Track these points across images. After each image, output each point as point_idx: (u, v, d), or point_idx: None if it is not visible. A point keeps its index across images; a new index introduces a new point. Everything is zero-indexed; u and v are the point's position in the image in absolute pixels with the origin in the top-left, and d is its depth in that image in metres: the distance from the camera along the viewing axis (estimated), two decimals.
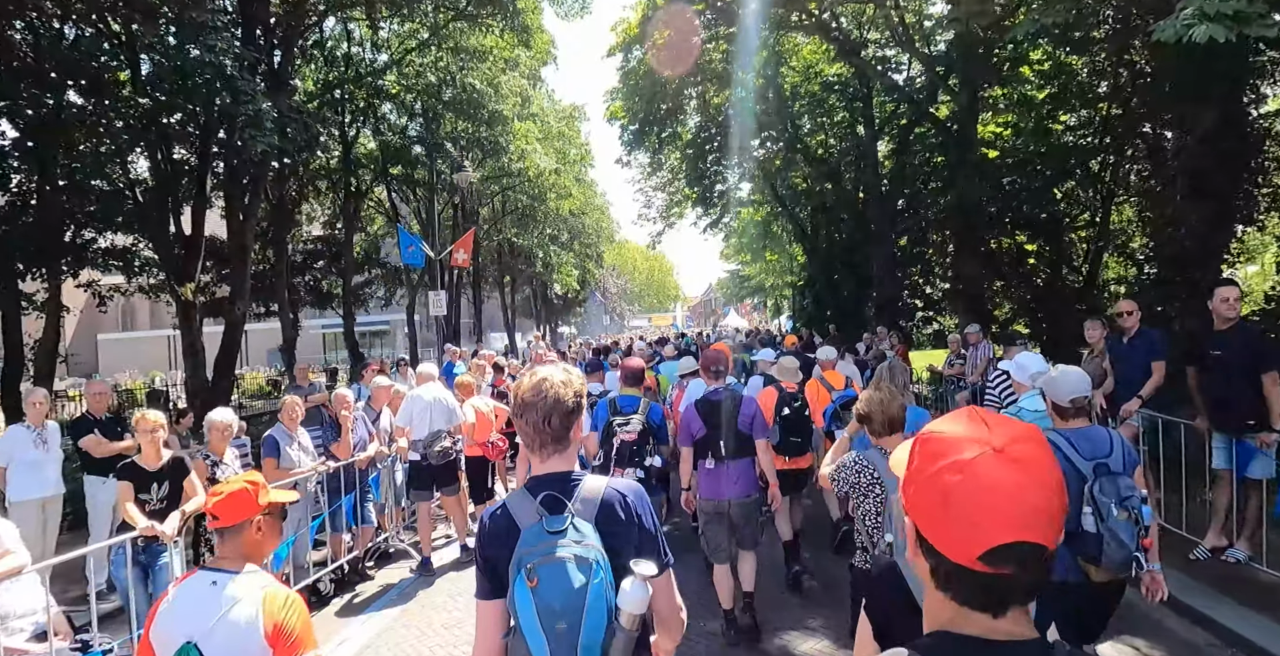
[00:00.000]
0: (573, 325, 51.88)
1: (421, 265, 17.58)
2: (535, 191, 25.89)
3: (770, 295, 44.66)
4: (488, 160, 22.49)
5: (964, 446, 0.87)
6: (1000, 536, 0.82)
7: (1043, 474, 0.86)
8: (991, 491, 0.84)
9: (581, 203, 31.46)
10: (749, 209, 29.78)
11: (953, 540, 0.86)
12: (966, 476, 0.85)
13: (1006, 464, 0.85)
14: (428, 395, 6.14)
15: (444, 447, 6.00)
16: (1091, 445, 2.90)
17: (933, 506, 0.88)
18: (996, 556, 0.83)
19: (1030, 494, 0.84)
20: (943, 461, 0.88)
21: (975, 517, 0.84)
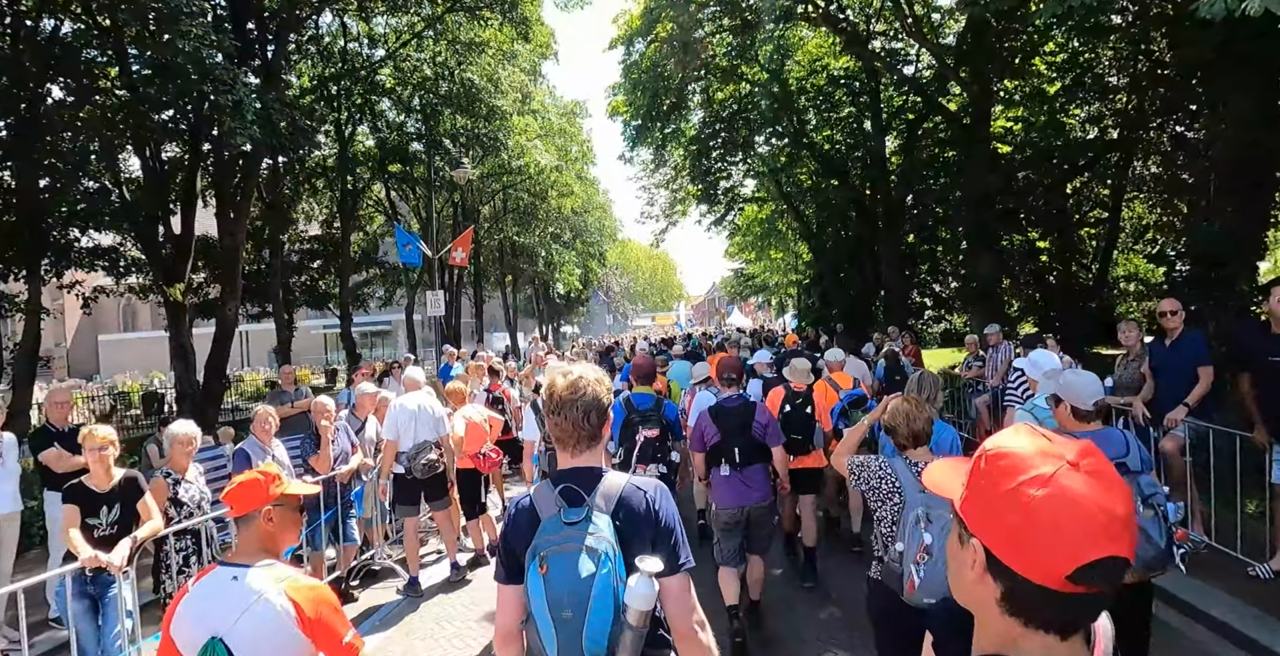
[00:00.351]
0: (575, 325, 51.44)
1: (419, 264, 17.16)
2: (536, 189, 25.49)
3: (775, 294, 44.18)
4: (487, 158, 22.08)
5: (1041, 461, 0.84)
6: (1092, 552, 0.79)
7: (1118, 485, 0.84)
8: (1081, 505, 0.80)
9: (583, 201, 31.03)
10: (754, 206, 29.35)
11: (1038, 560, 0.81)
12: (1053, 491, 0.81)
13: (1087, 476, 0.82)
14: (412, 404, 5.70)
15: (430, 461, 5.57)
16: (1108, 446, 2.81)
17: (1012, 525, 0.83)
18: (1089, 572, 0.79)
19: (1114, 505, 0.81)
20: (1022, 477, 0.83)
21: (1066, 533, 0.80)
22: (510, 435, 8.10)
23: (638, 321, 66.53)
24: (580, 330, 53.30)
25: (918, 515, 2.62)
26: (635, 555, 1.71)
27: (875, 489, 2.92)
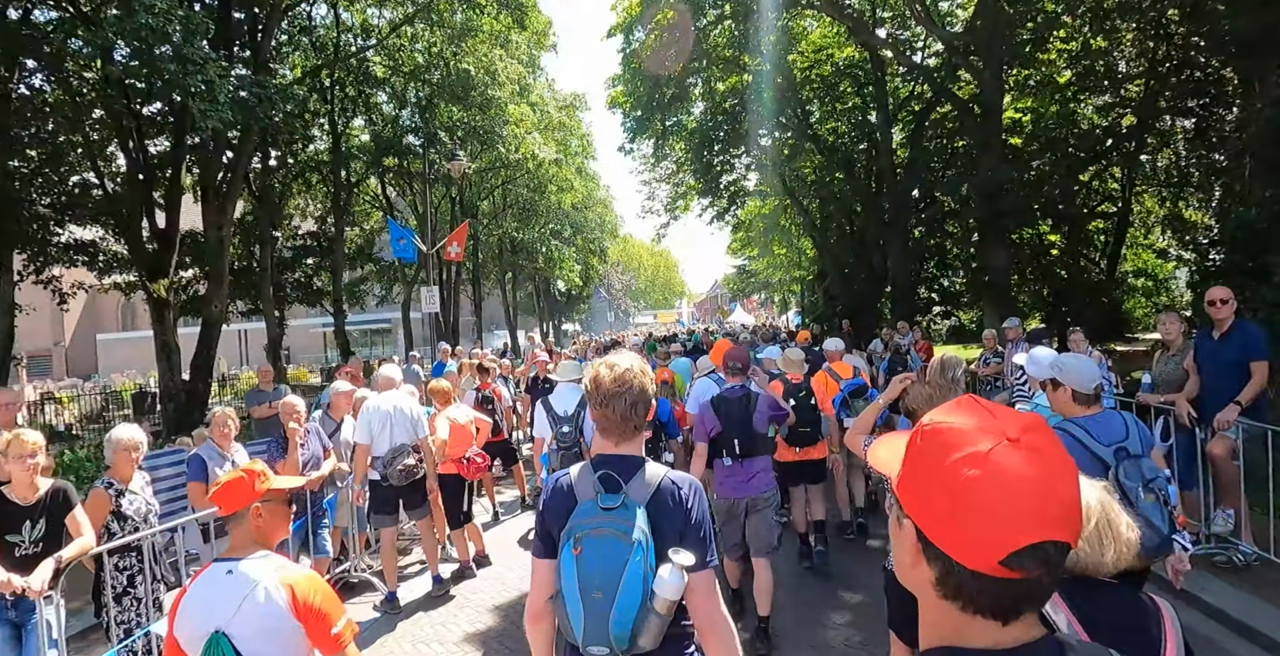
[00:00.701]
0: (577, 322, 50.97)
1: (413, 259, 16.72)
2: (535, 184, 25.00)
3: (778, 290, 43.73)
4: (485, 152, 21.59)
5: (978, 437, 0.76)
6: (1027, 535, 0.72)
7: (1061, 464, 0.76)
8: (1016, 485, 0.73)
9: (583, 196, 30.53)
10: (757, 199, 28.88)
11: (971, 543, 0.75)
12: (986, 470, 0.74)
13: (1027, 454, 0.75)
14: (386, 404, 5.23)
15: (407, 466, 5.11)
16: (1108, 430, 2.80)
17: (945, 506, 0.76)
18: (1022, 558, 0.73)
19: (1054, 486, 0.74)
20: (956, 454, 0.76)
21: (999, 516, 0.73)
22: (501, 436, 7.65)
23: (640, 319, 66.02)
24: (582, 328, 52.83)
25: None
26: (665, 546, 1.76)
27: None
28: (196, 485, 4.48)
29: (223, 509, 2.18)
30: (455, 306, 26.09)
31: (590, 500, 1.83)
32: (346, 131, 19.37)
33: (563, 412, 5.28)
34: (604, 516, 1.78)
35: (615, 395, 1.89)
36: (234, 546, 2.19)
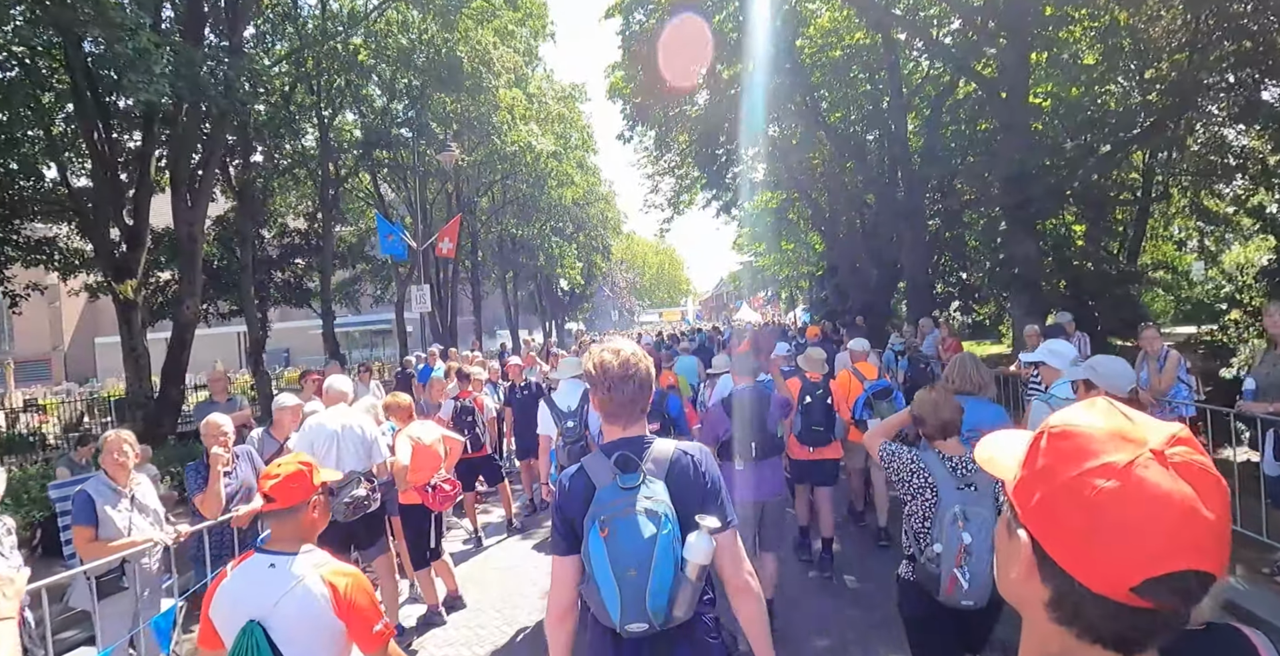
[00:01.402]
0: (580, 321, 50.09)
1: (403, 256, 15.86)
2: (533, 178, 24.11)
3: (785, 287, 42.71)
4: (481, 145, 20.73)
5: (1115, 446, 0.69)
6: (1168, 563, 0.65)
7: (1213, 484, 0.67)
8: (1160, 505, 0.65)
9: (585, 191, 29.61)
10: (766, 192, 27.92)
11: (1101, 564, 0.67)
12: (1127, 486, 0.67)
13: (1174, 470, 0.67)
14: (333, 423, 4.34)
15: (355, 498, 4.22)
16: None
17: (1072, 521, 0.69)
18: (1159, 587, 0.65)
19: (1204, 508, 0.65)
20: (1090, 463, 0.69)
21: (1137, 538, 0.65)
22: (483, 451, 6.77)
23: (644, 317, 65.13)
24: (585, 327, 51.97)
25: (954, 514, 2.54)
26: (688, 514, 1.83)
27: (905, 481, 2.79)
28: (83, 530, 3.58)
29: (280, 501, 2.15)
30: (453, 306, 25.27)
31: (609, 483, 1.86)
32: (335, 123, 18.52)
33: (566, 408, 5.11)
34: (626, 495, 1.82)
35: (623, 380, 1.94)
36: (276, 539, 2.17)
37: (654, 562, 1.74)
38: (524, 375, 7.89)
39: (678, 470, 1.91)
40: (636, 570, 1.74)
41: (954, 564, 2.49)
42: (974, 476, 2.65)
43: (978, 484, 2.63)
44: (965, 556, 2.47)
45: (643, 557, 1.74)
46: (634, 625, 1.77)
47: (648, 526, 1.76)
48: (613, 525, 1.77)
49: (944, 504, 2.61)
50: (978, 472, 2.65)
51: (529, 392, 7.50)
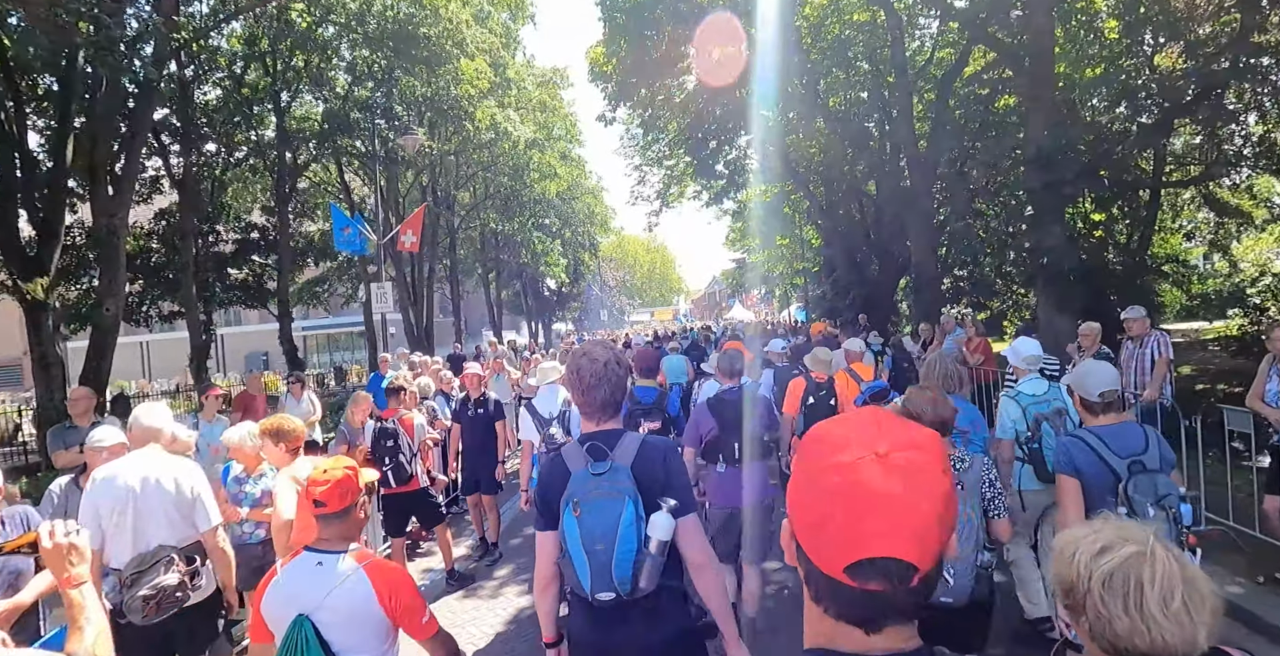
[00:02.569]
0: (569, 321, 48.63)
1: (363, 251, 14.40)
2: (513, 168, 22.71)
3: (779, 284, 41.37)
4: (455, 133, 19.28)
5: (849, 448, 0.80)
6: (869, 549, 0.75)
7: (926, 485, 0.78)
8: (869, 499, 0.76)
9: (569, 184, 28.18)
10: (760, 185, 26.59)
11: (824, 548, 0.79)
12: (845, 481, 0.78)
13: (888, 471, 0.77)
14: (130, 476, 2.91)
15: (161, 589, 2.79)
16: (1125, 442, 2.73)
17: (808, 509, 0.82)
18: (862, 570, 0.76)
19: (906, 506, 0.76)
20: (827, 461, 0.81)
21: (847, 526, 0.77)
22: (412, 485, 5.35)
23: (635, 316, 63.73)
24: (575, 327, 50.52)
25: None
26: (650, 499, 2.03)
27: None
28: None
29: (330, 506, 2.21)
30: (429, 306, 23.81)
31: (582, 469, 2.09)
32: (293, 108, 17.07)
33: (548, 414, 4.95)
34: (596, 481, 2.05)
35: (597, 385, 2.20)
36: (323, 539, 2.25)
37: (618, 538, 1.97)
38: (485, 387, 6.43)
39: (643, 460, 2.12)
40: (603, 545, 1.98)
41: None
42: (961, 476, 2.68)
43: (965, 483, 2.68)
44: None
45: (609, 534, 1.98)
46: (603, 594, 2.00)
47: (614, 508, 2.00)
48: (584, 506, 2.02)
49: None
50: (965, 472, 2.73)
51: (484, 412, 6.07)
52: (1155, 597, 1.13)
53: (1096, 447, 2.73)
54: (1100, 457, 2.71)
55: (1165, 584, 1.13)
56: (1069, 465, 2.76)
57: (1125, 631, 1.14)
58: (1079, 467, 2.73)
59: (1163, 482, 2.64)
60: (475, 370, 6.22)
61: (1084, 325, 6.32)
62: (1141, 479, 2.62)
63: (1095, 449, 2.73)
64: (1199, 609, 1.15)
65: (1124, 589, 1.14)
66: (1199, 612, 1.14)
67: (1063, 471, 2.79)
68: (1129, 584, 1.14)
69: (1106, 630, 1.16)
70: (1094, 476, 2.71)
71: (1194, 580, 1.16)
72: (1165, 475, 2.69)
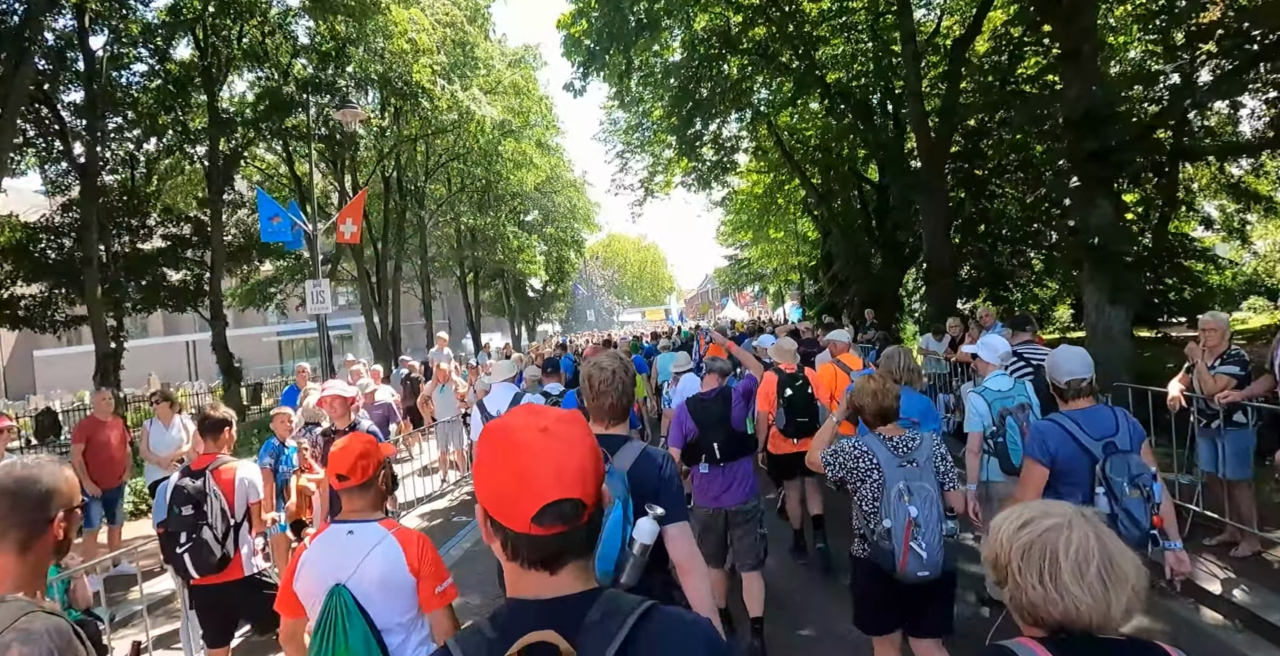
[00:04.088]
0: (555, 322, 46.76)
1: (297, 245, 12.53)
2: (483, 156, 20.86)
3: (773, 281, 39.57)
4: (412, 113, 17.42)
5: (518, 428, 1.00)
6: (544, 496, 0.94)
7: (576, 442, 1.00)
8: (534, 459, 0.96)
9: (547, 174, 26.32)
10: (752, 174, 24.83)
11: (509, 509, 0.97)
12: (516, 450, 0.97)
13: (546, 437, 0.98)
14: None
15: None
16: (1097, 424, 2.87)
17: (492, 483, 0.99)
18: (545, 516, 0.94)
19: (563, 458, 0.97)
20: (500, 443, 0.99)
21: (523, 483, 0.95)
22: (231, 573, 3.51)
23: (625, 316, 61.86)
24: (562, 328, 48.64)
25: (899, 490, 2.72)
26: (642, 503, 2.09)
27: (853, 469, 2.93)
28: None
29: (353, 479, 2.28)
30: (395, 309, 21.94)
31: None
32: (228, 84, 15.20)
33: (496, 412, 4.93)
34: None
35: (605, 391, 2.36)
36: (350, 510, 2.33)
37: (603, 536, 1.95)
38: (355, 412, 4.56)
39: (640, 466, 2.22)
40: None
41: (904, 537, 2.66)
42: (914, 453, 2.85)
43: (918, 460, 2.83)
44: (915, 528, 2.65)
45: None
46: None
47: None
48: None
49: (889, 481, 2.78)
50: (917, 449, 2.86)
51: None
52: (1069, 567, 1.17)
53: (1071, 430, 2.84)
54: (1075, 440, 2.82)
55: (1080, 555, 1.18)
56: (1041, 450, 2.85)
57: (1040, 600, 1.19)
58: (1053, 452, 2.83)
59: (1134, 462, 2.78)
60: (338, 390, 4.34)
61: (1207, 317, 4.59)
62: (1115, 459, 2.76)
63: (1070, 432, 2.84)
64: (1115, 582, 1.17)
65: (1040, 559, 1.19)
66: (1115, 585, 1.17)
67: (1032, 456, 2.88)
68: (1045, 555, 1.19)
69: (1024, 600, 1.21)
70: (1070, 459, 2.81)
71: (1114, 554, 1.20)
72: (1136, 455, 2.82)
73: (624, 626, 0.94)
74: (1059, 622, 1.19)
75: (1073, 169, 9.76)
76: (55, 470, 1.60)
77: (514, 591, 1.01)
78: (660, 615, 0.99)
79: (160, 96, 14.40)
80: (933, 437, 2.95)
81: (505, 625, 0.97)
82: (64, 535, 1.58)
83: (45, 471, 1.57)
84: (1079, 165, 9.39)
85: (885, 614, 2.95)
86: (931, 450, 2.89)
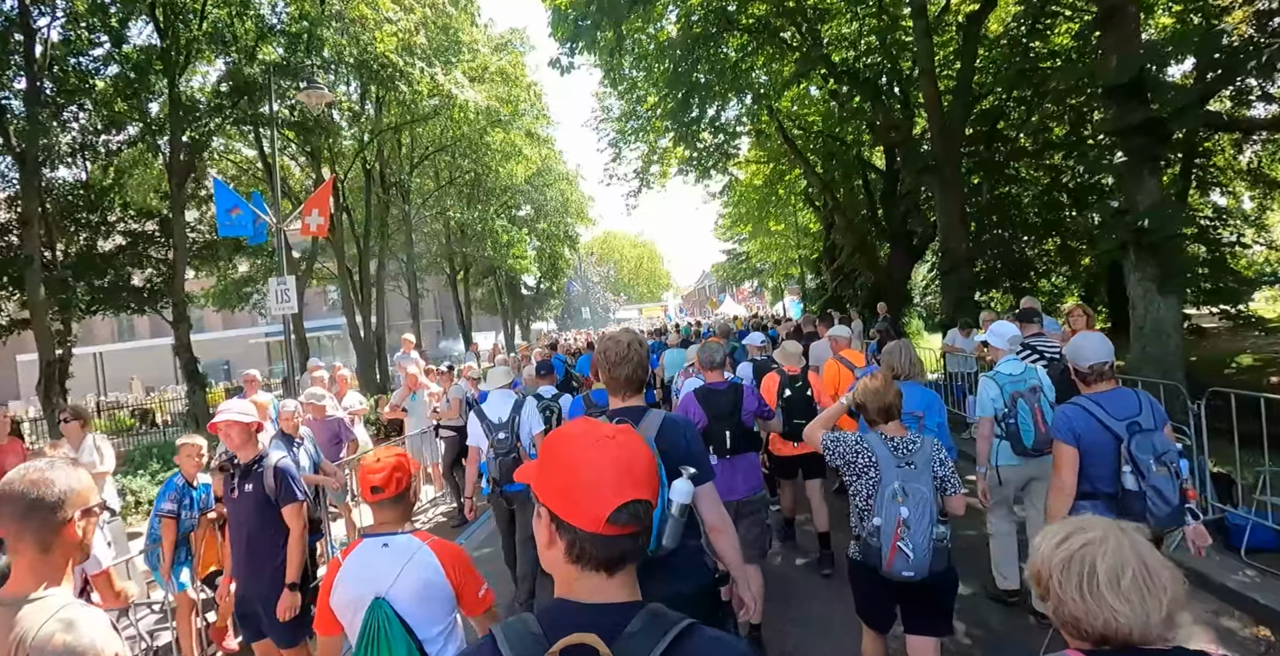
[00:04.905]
0: (551, 319, 45.70)
1: (261, 239, 11.50)
2: (469, 147, 19.81)
3: (772, 275, 38.54)
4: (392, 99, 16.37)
5: (584, 437, 1.09)
6: (621, 496, 1.02)
7: (637, 450, 1.09)
8: (608, 465, 1.05)
9: (539, 167, 25.26)
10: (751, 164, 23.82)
11: (582, 511, 1.03)
12: (585, 457, 1.06)
13: (615, 445, 1.07)
14: None
15: None
16: (1121, 405, 2.94)
17: (562, 486, 1.06)
18: (619, 516, 1.02)
19: (632, 462, 1.07)
20: (572, 447, 1.08)
21: (599, 486, 1.03)
22: None
23: (622, 313, 60.83)
24: (557, 326, 47.59)
25: (894, 490, 2.75)
26: (673, 466, 2.13)
27: (851, 463, 2.97)
28: None
29: (388, 491, 2.32)
30: (380, 309, 20.91)
31: None
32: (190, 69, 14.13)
33: (497, 419, 4.80)
34: None
35: (620, 363, 2.42)
36: (381, 523, 2.35)
37: None
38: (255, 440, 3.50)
39: (666, 433, 2.32)
40: None
41: (893, 536, 2.69)
42: (913, 455, 2.85)
43: (916, 462, 2.82)
44: (904, 529, 2.68)
45: None
46: None
47: None
48: None
49: (885, 481, 2.80)
50: (917, 451, 2.87)
51: (253, 489, 3.22)
52: (1105, 579, 1.20)
53: (1095, 413, 2.92)
54: (1100, 422, 2.89)
55: (1116, 564, 1.21)
56: (1067, 432, 2.95)
57: (1081, 613, 1.22)
58: (1078, 433, 2.92)
59: (1159, 440, 2.82)
60: (235, 414, 3.27)
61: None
62: (1140, 438, 2.81)
63: (1094, 414, 2.92)
64: (1152, 591, 1.20)
65: (1079, 573, 1.23)
66: (1152, 595, 1.19)
67: (1060, 438, 2.98)
68: (1083, 567, 1.23)
69: (1066, 613, 1.25)
70: (1095, 441, 2.90)
71: (1150, 564, 1.22)
72: (1160, 432, 2.87)
73: (663, 640, 0.98)
74: (1101, 634, 1.21)
75: (1116, 143, 8.75)
76: (70, 472, 1.67)
77: (564, 592, 1.06)
78: (699, 633, 1.02)
79: (118, 83, 13.36)
80: (933, 442, 2.94)
81: (551, 622, 1.01)
82: (83, 535, 1.65)
83: (59, 474, 1.63)
84: (1126, 138, 8.39)
85: (879, 609, 2.99)
86: (930, 453, 2.88)
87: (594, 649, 0.94)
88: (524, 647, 0.98)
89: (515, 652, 0.98)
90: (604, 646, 0.94)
